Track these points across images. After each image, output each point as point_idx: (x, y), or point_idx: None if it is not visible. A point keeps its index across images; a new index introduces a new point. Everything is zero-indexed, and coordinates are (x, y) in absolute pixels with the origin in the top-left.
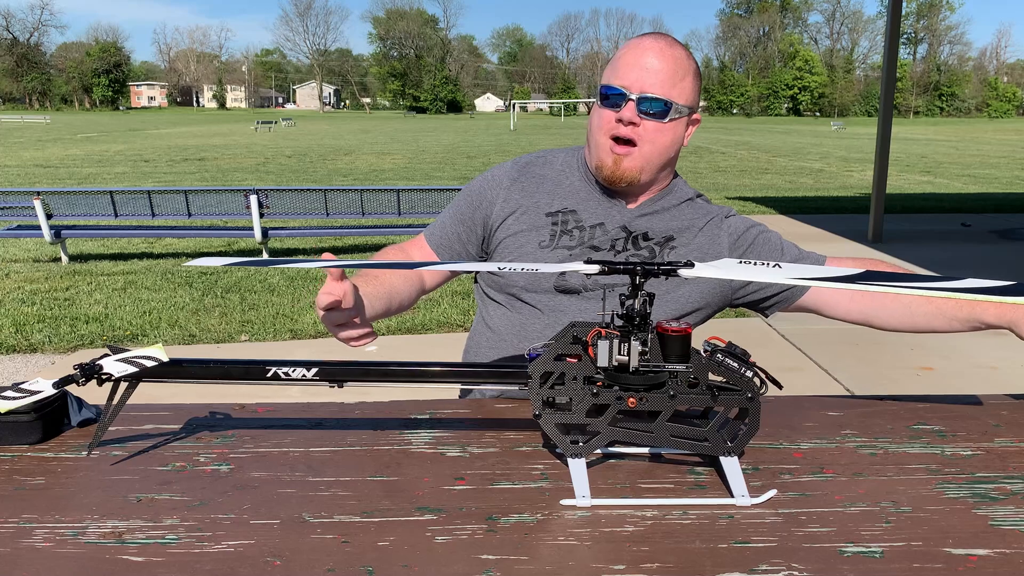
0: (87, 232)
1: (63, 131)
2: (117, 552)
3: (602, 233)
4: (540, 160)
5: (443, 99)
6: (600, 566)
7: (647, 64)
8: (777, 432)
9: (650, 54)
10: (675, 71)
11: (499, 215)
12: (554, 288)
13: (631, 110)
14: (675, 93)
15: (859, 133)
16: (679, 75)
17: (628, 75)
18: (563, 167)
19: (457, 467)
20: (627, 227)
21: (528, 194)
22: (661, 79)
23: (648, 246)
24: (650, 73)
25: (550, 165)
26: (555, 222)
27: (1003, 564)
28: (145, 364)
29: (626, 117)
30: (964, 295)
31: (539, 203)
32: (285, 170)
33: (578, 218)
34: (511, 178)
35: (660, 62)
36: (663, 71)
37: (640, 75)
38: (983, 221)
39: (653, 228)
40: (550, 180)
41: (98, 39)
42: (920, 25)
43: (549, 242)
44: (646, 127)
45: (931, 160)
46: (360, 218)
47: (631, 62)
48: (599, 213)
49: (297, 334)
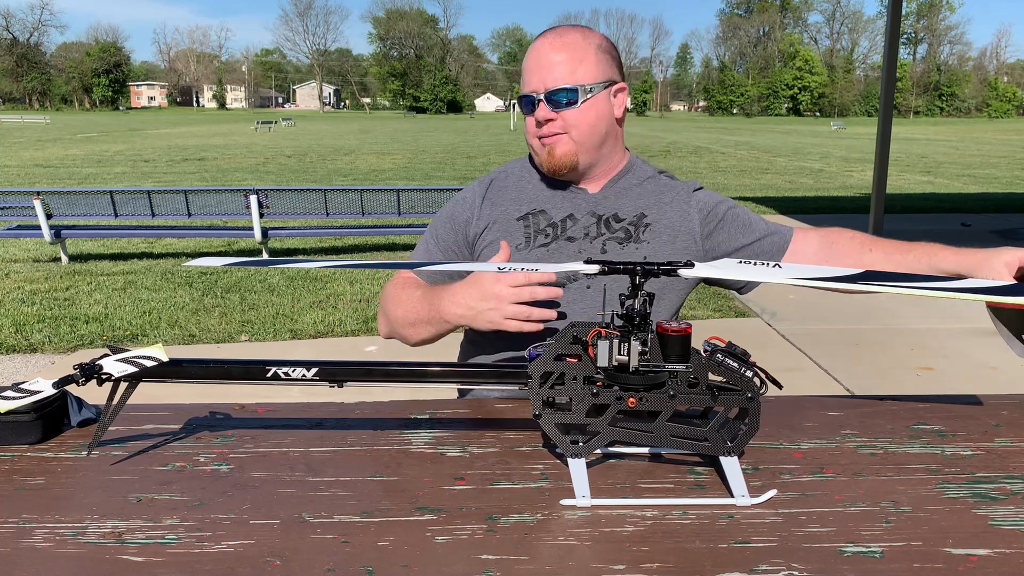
0: (87, 232)
1: (63, 131)
2: (117, 552)
3: (573, 223)
4: (501, 174)
5: (443, 99)
6: (600, 566)
7: (544, 62)
8: (777, 432)
9: (544, 51)
10: (572, 57)
11: (476, 232)
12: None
13: (543, 109)
14: (579, 76)
15: (859, 133)
16: (577, 58)
17: (532, 79)
18: (521, 173)
19: (457, 467)
20: (595, 212)
21: (496, 206)
22: (561, 70)
23: (622, 227)
24: (548, 68)
25: (510, 175)
26: (527, 224)
27: (1003, 564)
28: (145, 364)
29: (542, 116)
30: (964, 295)
31: (508, 211)
32: (285, 170)
33: (547, 216)
34: (480, 195)
35: (555, 54)
36: (560, 62)
37: (541, 75)
38: (983, 221)
39: (622, 208)
40: (512, 188)
41: (98, 39)
42: (920, 25)
43: (525, 244)
44: (564, 117)
45: (931, 160)
46: (360, 218)
47: (532, 66)
48: (565, 206)
49: (297, 334)
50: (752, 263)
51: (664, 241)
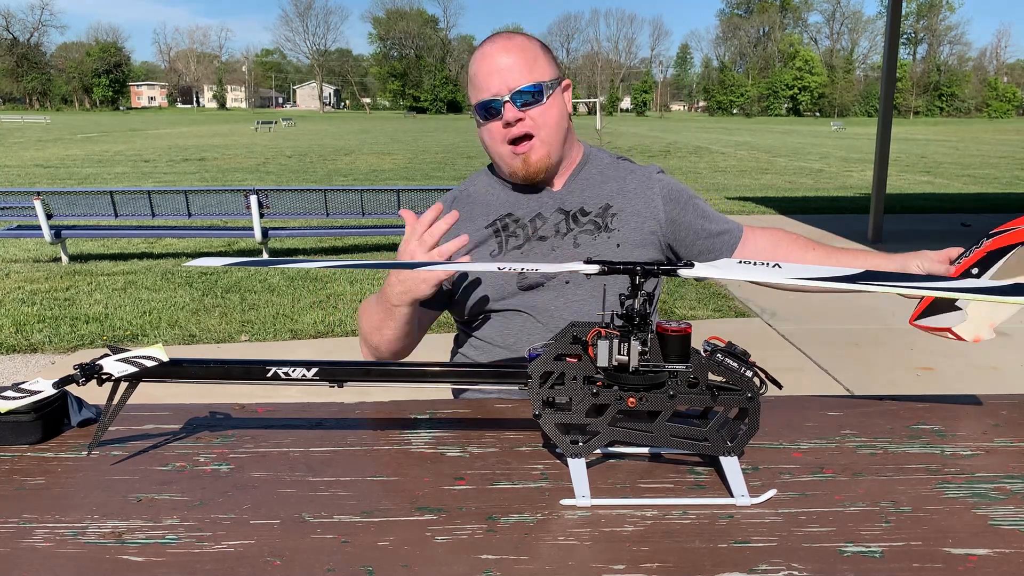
0: (87, 232)
1: (63, 131)
2: (117, 552)
3: (542, 222)
4: (464, 191)
5: (443, 99)
6: (600, 566)
7: (500, 65)
8: (777, 432)
9: (497, 55)
10: (526, 57)
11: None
12: (518, 288)
13: (511, 110)
14: (537, 74)
15: (859, 133)
16: (531, 57)
17: (490, 83)
18: (486, 187)
19: (457, 467)
20: (561, 207)
21: (466, 220)
22: (519, 70)
23: (589, 219)
24: (506, 70)
25: (475, 190)
26: (496, 230)
27: (1003, 564)
28: (145, 364)
29: (511, 117)
30: (964, 295)
31: (477, 222)
32: (285, 170)
33: (515, 218)
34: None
35: (510, 56)
36: (517, 62)
37: (501, 77)
38: (983, 221)
39: (587, 200)
40: (480, 202)
41: (98, 39)
42: (920, 25)
43: (499, 250)
44: (532, 115)
45: (931, 160)
46: (360, 218)
47: (487, 71)
48: (532, 206)
49: (297, 334)
50: (752, 263)
51: (632, 228)
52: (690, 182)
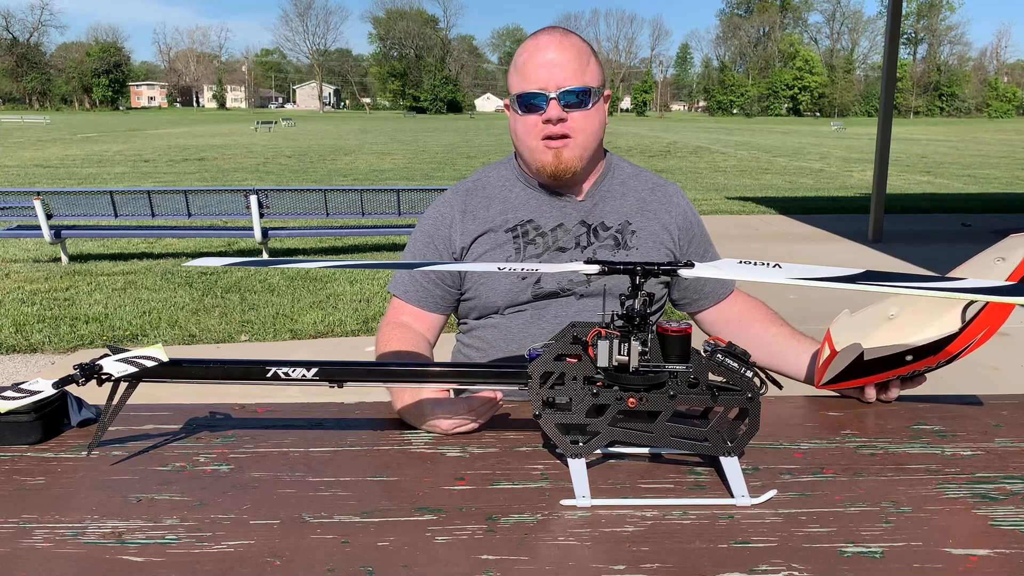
0: (87, 232)
1: (63, 131)
2: (117, 552)
3: (564, 233)
4: (478, 183)
5: (443, 99)
6: (600, 566)
7: (553, 60)
8: (777, 432)
9: (551, 50)
10: (579, 57)
11: (461, 247)
12: (532, 296)
13: (555, 108)
14: (587, 78)
15: (859, 133)
16: (584, 60)
17: (538, 75)
18: (503, 181)
19: (457, 467)
20: (584, 221)
21: (481, 218)
22: (572, 69)
23: (610, 235)
24: (557, 66)
25: (490, 183)
26: (516, 235)
27: (1003, 564)
28: (145, 364)
29: (553, 116)
30: (964, 295)
31: (495, 222)
32: (285, 170)
33: (536, 225)
34: (460, 209)
35: (564, 53)
36: (570, 61)
37: (550, 72)
38: (983, 221)
39: (607, 216)
40: (496, 198)
41: (98, 39)
42: (920, 25)
43: (515, 256)
44: (574, 118)
45: (931, 160)
46: (360, 218)
47: (537, 63)
48: (554, 215)
49: (297, 334)
50: (752, 263)
51: (649, 247)
52: (690, 182)
